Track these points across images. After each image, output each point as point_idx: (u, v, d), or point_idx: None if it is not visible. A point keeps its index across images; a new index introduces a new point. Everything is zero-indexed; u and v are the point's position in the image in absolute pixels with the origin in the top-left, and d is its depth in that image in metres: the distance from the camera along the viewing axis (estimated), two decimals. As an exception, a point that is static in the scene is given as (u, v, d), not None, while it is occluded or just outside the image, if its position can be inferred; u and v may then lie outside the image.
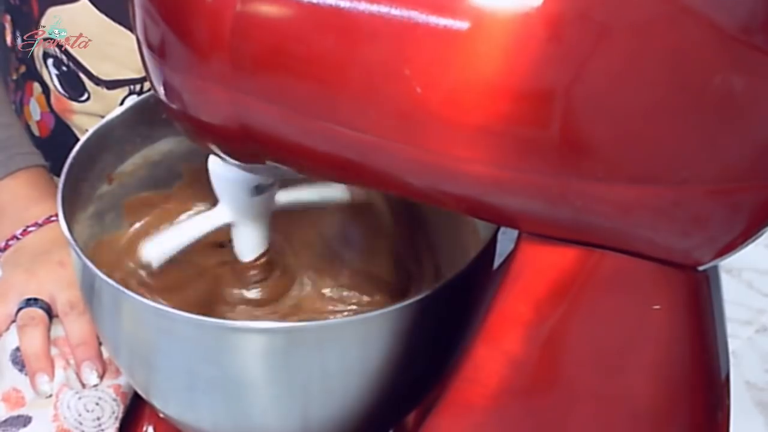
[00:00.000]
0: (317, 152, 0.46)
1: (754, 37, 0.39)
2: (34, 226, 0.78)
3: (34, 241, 0.78)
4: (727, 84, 0.40)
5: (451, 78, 0.40)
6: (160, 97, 0.49)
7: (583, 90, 0.39)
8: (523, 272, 0.46)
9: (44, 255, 0.76)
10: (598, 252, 0.44)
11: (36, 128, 0.94)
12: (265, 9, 0.43)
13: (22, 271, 0.76)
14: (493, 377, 0.47)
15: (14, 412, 0.68)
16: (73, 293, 0.73)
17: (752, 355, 0.85)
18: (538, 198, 0.43)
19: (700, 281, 0.46)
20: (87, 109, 0.88)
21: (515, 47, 0.39)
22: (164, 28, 0.46)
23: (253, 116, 0.46)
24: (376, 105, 0.42)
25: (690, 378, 0.48)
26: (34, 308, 0.73)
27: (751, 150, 0.41)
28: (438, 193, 0.45)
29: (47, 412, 0.68)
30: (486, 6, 0.39)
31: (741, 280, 0.92)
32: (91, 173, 0.66)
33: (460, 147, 0.42)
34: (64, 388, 0.69)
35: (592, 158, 0.41)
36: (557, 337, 0.46)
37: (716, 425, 0.50)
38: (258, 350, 0.54)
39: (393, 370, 0.55)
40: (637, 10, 0.39)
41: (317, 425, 0.58)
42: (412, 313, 0.53)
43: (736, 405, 0.51)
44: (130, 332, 0.58)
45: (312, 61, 0.43)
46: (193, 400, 0.58)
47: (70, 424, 0.67)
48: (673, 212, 0.42)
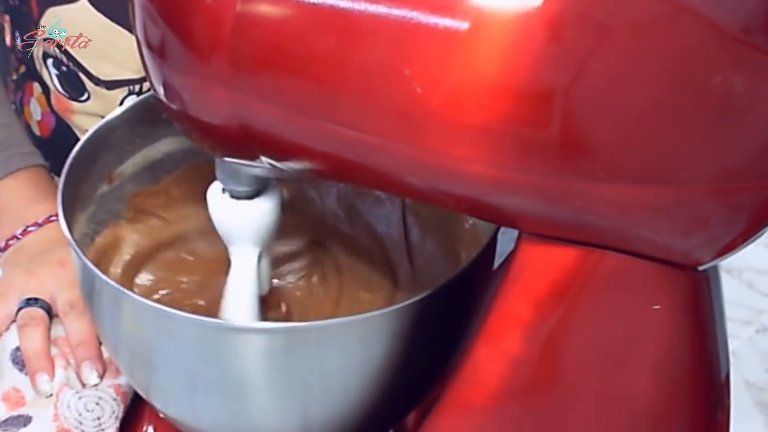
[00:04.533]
0: (317, 152, 0.46)
1: (754, 37, 0.39)
2: (34, 225, 0.78)
3: (34, 240, 0.78)
4: (727, 84, 0.40)
5: (451, 78, 0.40)
6: (160, 97, 0.49)
7: (583, 90, 0.39)
8: (523, 272, 0.46)
9: (44, 255, 0.76)
10: (598, 252, 0.44)
11: (37, 128, 0.94)
12: (265, 9, 0.43)
13: (22, 271, 0.76)
14: (493, 377, 0.47)
15: (14, 412, 0.68)
16: (73, 293, 0.73)
17: (752, 355, 0.85)
18: (538, 198, 0.43)
19: (700, 281, 0.46)
20: (87, 109, 0.88)
21: (515, 47, 0.39)
22: (164, 28, 0.46)
23: (253, 116, 0.46)
24: (376, 105, 0.42)
25: (690, 378, 0.48)
26: (34, 308, 0.73)
27: (751, 150, 0.41)
28: (438, 193, 0.45)
29: (47, 412, 0.68)
30: (486, 6, 0.39)
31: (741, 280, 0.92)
32: (91, 173, 0.66)
33: (460, 147, 0.42)
34: (65, 388, 0.69)
35: (592, 158, 0.41)
36: (557, 337, 0.46)
37: (716, 425, 0.50)
38: (258, 350, 0.54)
39: (393, 370, 0.55)
40: (637, 10, 0.39)
41: (317, 425, 0.58)
42: (412, 313, 0.53)
43: (736, 405, 0.51)
44: (130, 332, 0.58)
45: (312, 61, 0.43)
46: (193, 400, 0.58)
47: (70, 424, 0.67)
48: (673, 212, 0.42)
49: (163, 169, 0.70)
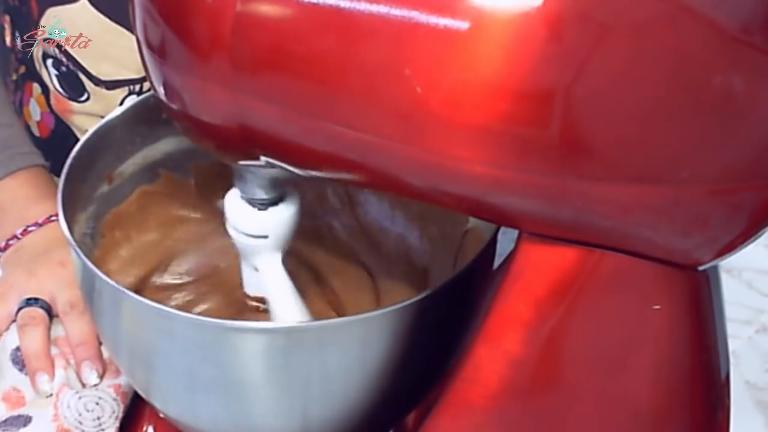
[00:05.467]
0: (317, 152, 0.46)
1: (754, 37, 0.39)
2: (34, 225, 0.78)
3: (34, 240, 0.78)
4: (727, 84, 0.40)
5: (451, 78, 0.40)
6: (160, 97, 0.49)
7: (583, 90, 0.39)
8: (523, 272, 0.46)
9: (44, 255, 0.76)
10: (598, 252, 0.44)
11: (36, 128, 0.94)
12: (265, 9, 0.43)
13: (22, 271, 0.76)
14: (493, 377, 0.47)
15: (14, 412, 0.68)
16: (73, 293, 0.73)
17: (752, 355, 0.85)
18: (538, 198, 0.43)
19: (700, 281, 0.46)
20: (87, 109, 0.88)
21: (515, 47, 0.39)
22: (164, 28, 0.46)
23: (253, 116, 0.46)
24: (376, 105, 0.42)
25: (690, 378, 0.48)
26: (34, 308, 0.73)
27: (751, 150, 0.41)
28: (438, 193, 0.45)
29: (47, 412, 0.68)
30: (486, 6, 0.39)
31: (741, 280, 0.92)
32: (91, 173, 0.66)
33: (460, 147, 0.42)
34: (65, 388, 0.69)
35: (592, 158, 0.41)
36: (557, 337, 0.46)
37: (716, 425, 0.50)
38: (258, 350, 0.54)
39: (393, 370, 0.55)
40: (637, 10, 0.39)
41: (317, 425, 0.58)
42: (412, 313, 0.53)
43: (736, 405, 0.51)
44: (130, 332, 0.58)
45: (312, 61, 0.43)
46: (193, 400, 0.58)
47: (70, 424, 0.67)
48: (673, 212, 0.42)
49: (163, 169, 0.70)
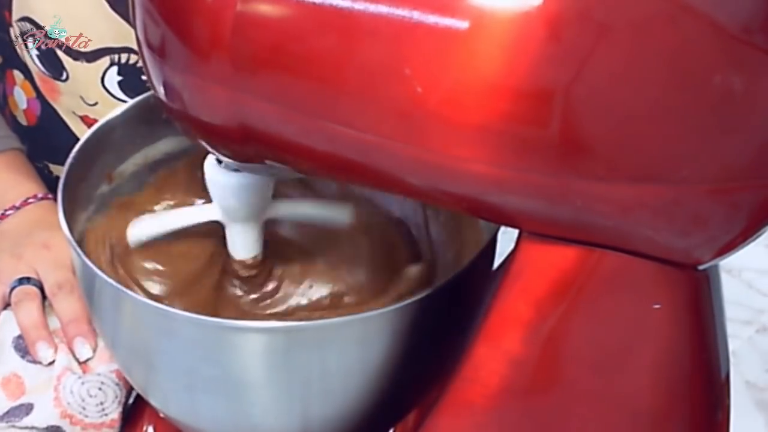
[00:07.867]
0: (317, 152, 0.46)
1: (754, 37, 0.39)
2: (12, 209, 0.79)
3: (13, 224, 0.78)
4: (727, 84, 0.40)
5: (451, 77, 0.40)
6: (160, 97, 0.49)
7: (583, 89, 0.39)
8: (523, 272, 0.46)
9: (27, 238, 0.76)
10: (598, 251, 0.44)
11: (23, 117, 0.92)
12: (265, 9, 0.43)
13: (8, 256, 0.76)
14: (493, 377, 0.47)
15: (15, 402, 0.68)
16: (60, 274, 0.73)
17: (752, 355, 0.85)
18: (538, 197, 0.43)
19: (700, 281, 0.46)
20: (69, 88, 0.87)
21: (515, 47, 0.39)
22: (164, 27, 0.46)
23: (253, 116, 0.46)
24: (376, 104, 0.42)
25: (690, 378, 0.48)
26: (27, 285, 0.73)
27: (751, 149, 0.41)
28: (438, 192, 0.45)
29: (48, 396, 0.68)
30: (486, 6, 0.39)
31: (741, 280, 0.92)
32: (91, 173, 0.66)
33: (460, 147, 0.42)
34: (67, 372, 0.69)
35: (592, 158, 0.41)
36: (557, 337, 0.46)
37: (716, 425, 0.50)
38: (258, 350, 0.54)
39: (393, 370, 0.55)
40: (636, 10, 0.39)
41: (317, 425, 0.58)
42: (412, 313, 0.53)
43: (736, 405, 0.51)
44: (130, 332, 0.58)
45: (312, 60, 0.43)
46: (193, 400, 0.58)
47: (73, 410, 0.67)
48: (673, 212, 0.42)
49: (163, 168, 0.70)
